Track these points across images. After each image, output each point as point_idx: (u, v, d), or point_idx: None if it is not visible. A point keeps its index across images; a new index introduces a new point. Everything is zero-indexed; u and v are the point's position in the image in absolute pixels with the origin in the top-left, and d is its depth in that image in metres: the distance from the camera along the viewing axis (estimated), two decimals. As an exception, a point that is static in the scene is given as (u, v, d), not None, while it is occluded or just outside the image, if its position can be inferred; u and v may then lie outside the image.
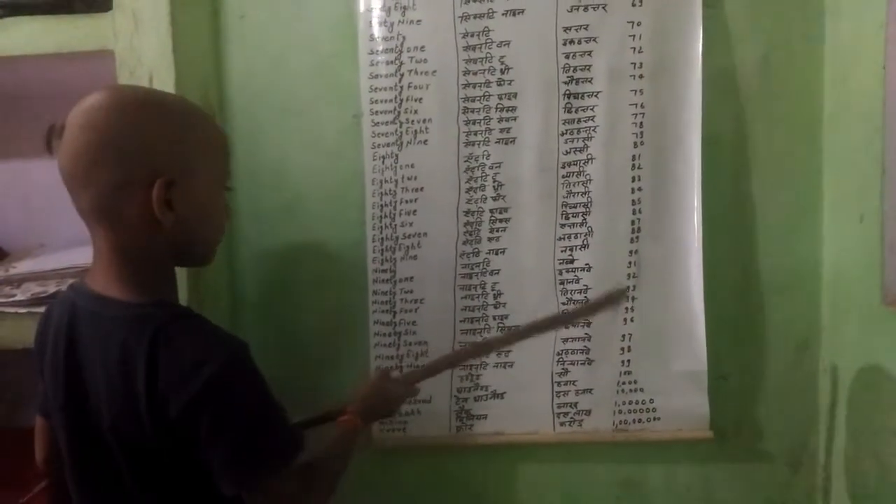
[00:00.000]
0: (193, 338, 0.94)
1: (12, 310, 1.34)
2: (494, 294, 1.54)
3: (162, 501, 0.97)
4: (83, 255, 1.31)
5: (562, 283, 1.53)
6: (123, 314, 0.93)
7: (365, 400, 1.25)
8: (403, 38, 1.51)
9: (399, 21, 1.50)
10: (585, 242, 1.52)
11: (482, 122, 1.51)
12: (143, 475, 0.94)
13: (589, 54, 1.48)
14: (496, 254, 1.53)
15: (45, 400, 1.06)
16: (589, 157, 1.50)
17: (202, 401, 0.88)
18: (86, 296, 0.97)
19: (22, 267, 1.48)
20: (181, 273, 1.38)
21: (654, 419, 1.54)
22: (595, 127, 1.49)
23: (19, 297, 1.35)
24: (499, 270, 1.54)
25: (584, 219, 1.51)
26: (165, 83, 1.37)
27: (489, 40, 1.49)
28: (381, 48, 1.52)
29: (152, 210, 0.90)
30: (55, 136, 0.92)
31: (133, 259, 0.94)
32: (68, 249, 1.50)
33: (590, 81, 1.49)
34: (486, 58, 1.49)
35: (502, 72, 1.50)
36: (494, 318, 1.55)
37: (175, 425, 0.89)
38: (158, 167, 0.91)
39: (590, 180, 1.50)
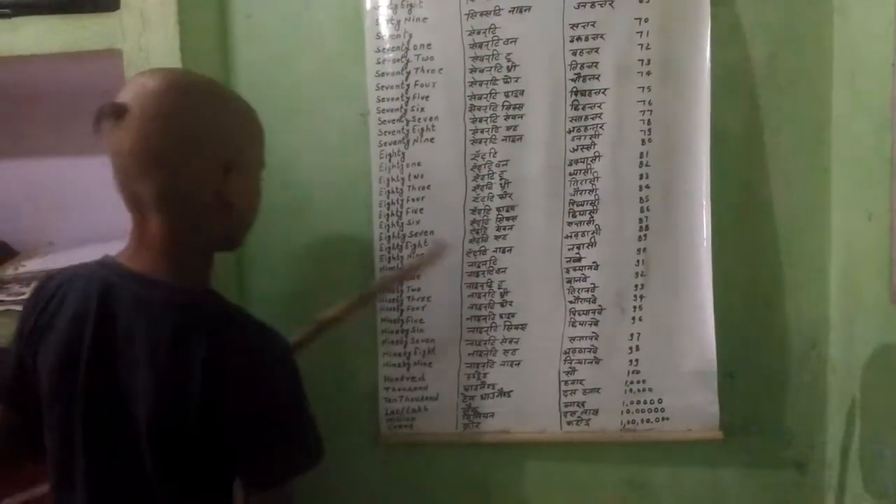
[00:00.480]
0: (249, 328, 0.97)
1: (21, 308, 1.35)
2: (501, 292, 1.54)
3: (179, 493, 0.95)
4: (92, 253, 1.32)
5: (569, 281, 1.52)
6: (177, 299, 0.92)
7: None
8: (410, 35, 1.51)
9: (405, 19, 1.50)
10: (593, 240, 1.51)
11: (489, 119, 1.51)
12: (169, 464, 0.92)
13: (596, 51, 1.47)
14: (503, 252, 1.53)
15: (13, 385, 1.01)
16: (596, 154, 1.49)
17: (254, 391, 0.90)
18: (127, 276, 0.94)
19: (31, 266, 1.49)
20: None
21: (663, 419, 1.54)
22: (602, 124, 1.49)
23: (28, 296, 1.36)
24: (506, 268, 1.54)
25: (592, 216, 1.51)
26: (173, 82, 1.37)
27: (496, 38, 1.49)
28: (387, 46, 1.52)
29: (223, 195, 0.92)
30: (111, 116, 0.88)
31: (189, 246, 0.95)
32: (77, 248, 1.50)
33: (597, 78, 1.48)
34: (493, 55, 1.49)
35: (509, 69, 1.49)
36: (501, 315, 1.54)
37: (224, 414, 0.89)
38: (229, 156, 0.93)
39: (597, 178, 1.50)
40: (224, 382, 0.89)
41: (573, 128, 1.50)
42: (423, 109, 1.52)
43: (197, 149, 0.91)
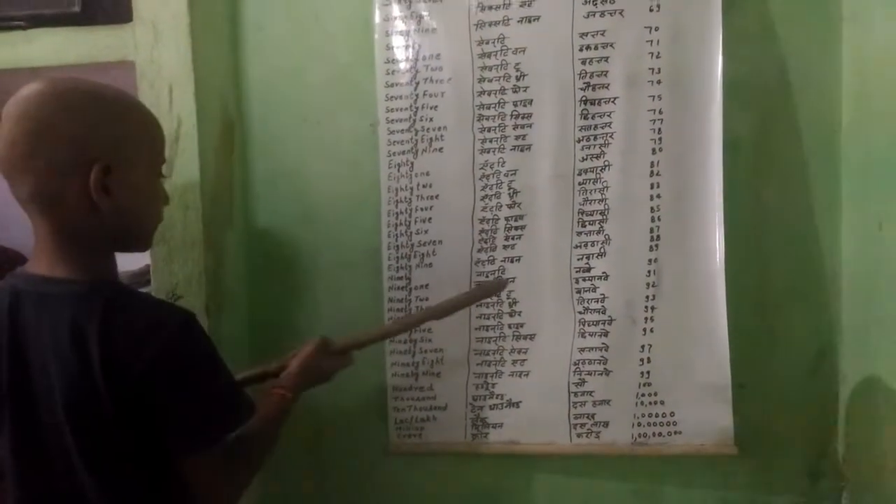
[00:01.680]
0: (145, 306, 0.99)
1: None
2: (510, 302, 1.53)
3: (111, 484, 0.96)
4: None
5: (578, 291, 1.51)
6: (72, 290, 0.95)
7: (301, 374, 1.23)
8: (419, 46, 1.51)
9: (415, 30, 1.51)
10: (602, 250, 1.50)
11: (497, 129, 1.51)
12: (95, 456, 0.94)
13: (606, 60, 1.47)
14: (511, 261, 1.53)
15: None
16: (606, 163, 1.48)
17: (160, 362, 0.91)
18: (30, 280, 0.97)
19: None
20: (201, 278, 1.41)
21: (675, 433, 1.51)
22: (612, 133, 1.48)
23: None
24: (514, 278, 1.53)
25: (602, 226, 1.49)
26: (185, 93, 1.39)
27: (504, 47, 1.49)
28: (397, 57, 1.52)
29: (90, 195, 0.93)
30: None
31: (74, 242, 0.96)
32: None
33: (606, 87, 1.47)
34: (502, 65, 1.49)
35: (518, 79, 1.49)
36: (510, 326, 1.54)
37: (132, 391, 0.91)
38: (95, 154, 0.93)
39: (607, 187, 1.49)
40: (121, 358, 0.91)
41: (582, 137, 1.49)
42: (431, 119, 1.52)
43: (53, 150, 0.91)
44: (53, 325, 0.93)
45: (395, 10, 1.51)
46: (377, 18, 1.53)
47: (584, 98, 1.48)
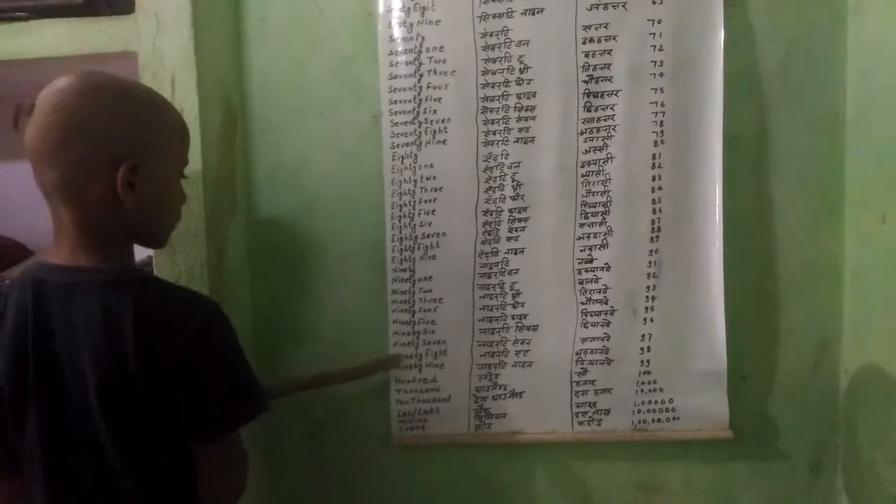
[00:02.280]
0: (177, 294, 1.02)
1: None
2: (513, 293, 1.54)
3: (145, 479, 0.98)
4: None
5: (581, 282, 1.53)
6: (101, 278, 0.96)
7: None
8: (422, 38, 1.51)
9: (418, 21, 1.51)
10: (605, 242, 1.51)
11: (501, 121, 1.51)
12: (128, 447, 0.96)
13: (609, 53, 1.47)
14: (515, 253, 1.54)
15: None
16: (608, 156, 1.50)
17: (190, 351, 0.94)
18: (53, 269, 0.98)
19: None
20: (203, 269, 1.40)
21: (674, 419, 1.54)
22: (615, 126, 1.49)
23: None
24: (518, 270, 1.54)
25: (604, 218, 1.51)
26: (187, 84, 1.38)
27: (508, 40, 1.49)
28: (400, 49, 1.52)
29: (115, 190, 0.94)
30: (24, 114, 0.95)
31: (96, 233, 0.98)
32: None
33: (609, 80, 1.48)
34: (505, 57, 1.49)
35: (521, 71, 1.49)
36: (513, 317, 1.55)
37: (161, 378, 0.93)
38: (122, 150, 0.95)
39: (609, 180, 1.50)
40: (153, 347, 0.93)
41: (585, 129, 1.50)
42: (435, 111, 1.52)
43: (84, 143, 0.93)
44: (83, 313, 0.94)
45: (399, 1, 1.51)
46: (380, 9, 1.52)
47: (587, 91, 1.49)
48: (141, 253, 1.56)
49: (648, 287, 1.52)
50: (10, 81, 1.35)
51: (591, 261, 1.52)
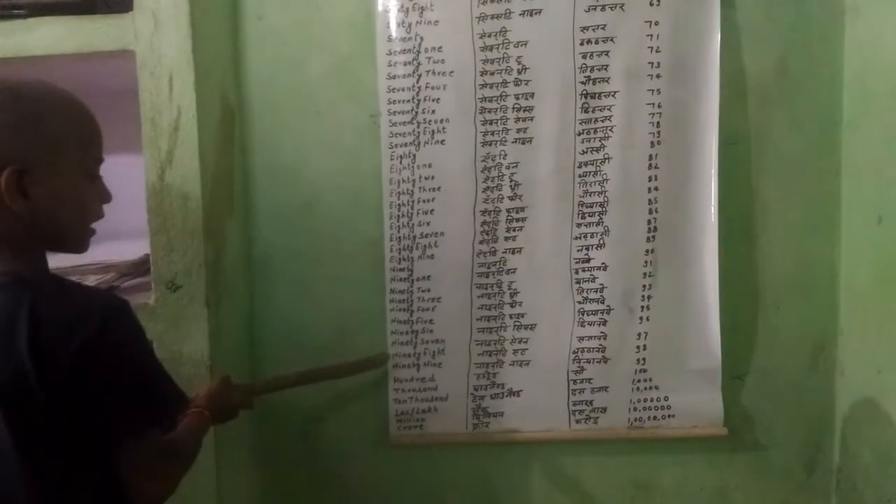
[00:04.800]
0: (76, 293, 0.97)
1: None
2: (511, 293, 1.55)
3: (46, 472, 0.94)
4: (104, 252, 1.33)
5: (578, 281, 1.54)
6: (1, 281, 0.93)
7: (211, 399, 1.23)
8: (421, 38, 1.51)
9: (417, 22, 1.51)
10: (602, 241, 1.52)
11: (499, 121, 1.52)
12: (29, 445, 0.92)
13: (606, 54, 1.49)
14: (513, 253, 1.54)
15: None
16: (605, 156, 1.51)
17: (88, 351, 0.89)
18: None
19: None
20: (201, 268, 1.40)
21: (669, 416, 1.56)
22: (612, 126, 1.50)
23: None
24: (515, 269, 1.55)
25: (601, 218, 1.52)
26: (185, 83, 1.38)
27: (506, 41, 1.50)
28: (398, 49, 1.52)
29: (2, 198, 0.90)
30: None
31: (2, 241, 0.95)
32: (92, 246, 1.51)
33: (607, 81, 1.49)
34: (504, 58, 1.50)
35: (519, 72, 1.50)
36: (511, 316, 1.56)
37: (62, 379, 0.89)
38: (8, 156, 0.90)
39: (606, 180, 1.51)
40: (49, 348, 0.89)
41: (583, 130, 1.51)
42: (433, 111, 1.53)
43: None
44: None
45: (397, 1, 1.51)
46: (379, 9, 1.52)
47: (584, 91, 1.50)
48: (139, 251, 1.57)
49: (645, 286, 1.53)
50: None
51: (588, 260, 1.53)
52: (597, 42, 1.48)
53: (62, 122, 0.97)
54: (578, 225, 1.53)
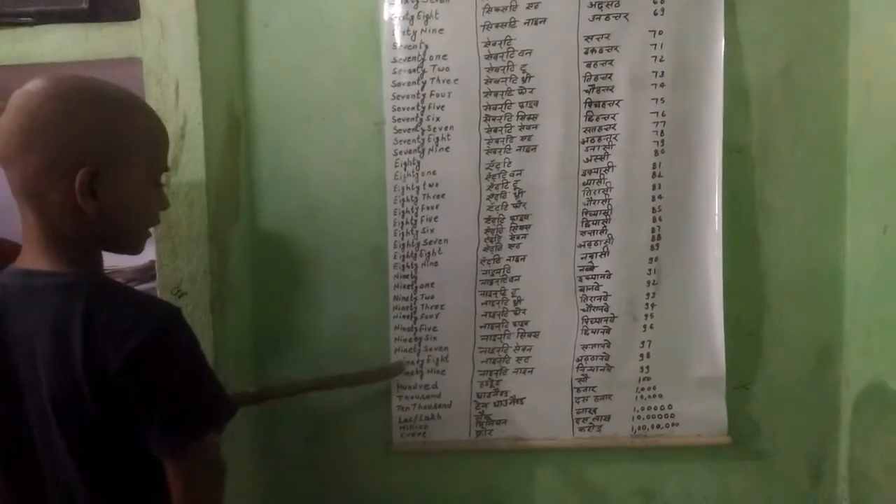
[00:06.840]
0: (130, 298, 0.98)
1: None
2: (515, 300, 1.55)
3: (98, 478, 0.95)
4: (112, 258, 1.33)
5: (582, 289, 1.54)
6: (55, 282, 0.94)
7: None
8: (426, 46, 1.52)
9: (422, 30, 1.52)
10: (606, 249, 1.52)
11: (503, 129, 1.52)
12: (82, 450, 0.94)
13: (610, 63, 1.49)
14: (517, 260, 1.55)
15: None
16: (609, 164, 1.51)
17: (141, 356, 0.90)
18: (14, 274, 0.97)
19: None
20: (206, 275, 1.40)
21: (673, 425, 1.56)
22: (616, 135, 1.50)
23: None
24: (519, 277, 1.55)
25: (605, 226, 1.52)
26: (191, 90, 1.39)
27: (511, 49, 1.50)
28: (403, 56, 1.53)
29: (75, 197, 0.92)
30: None
31: (59, 237, 0.96)
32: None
33: (611, 90, 1.50)
34: (508, 66, 1.51)
35: (524, 80, 1.51)
36: (515, 323, 1.56)
37: (112, 386, 0.90)
38: (84, 156, 0.92)
39: (610, 188, 1.51)
40: (102, 353, 0.90)
41: (587, 138, 1.51)
42: (438, 119, 1.53)
43: (43, 148, 0.91)
44: (37, 318, 0.93)
45: (403, 9, 1.51)
46: (384, 17, 1.53)
47: (588, 100, 1.50)
48: (145, 256, 1.57)
49: (648, 294, 1.53)
50: (14, 86, 1.35)
51: (591, 268, 1.53)
52: (601, 51, 1.49)
53: (138, 129, 0.99)
54: (582, 233, 1.53)
